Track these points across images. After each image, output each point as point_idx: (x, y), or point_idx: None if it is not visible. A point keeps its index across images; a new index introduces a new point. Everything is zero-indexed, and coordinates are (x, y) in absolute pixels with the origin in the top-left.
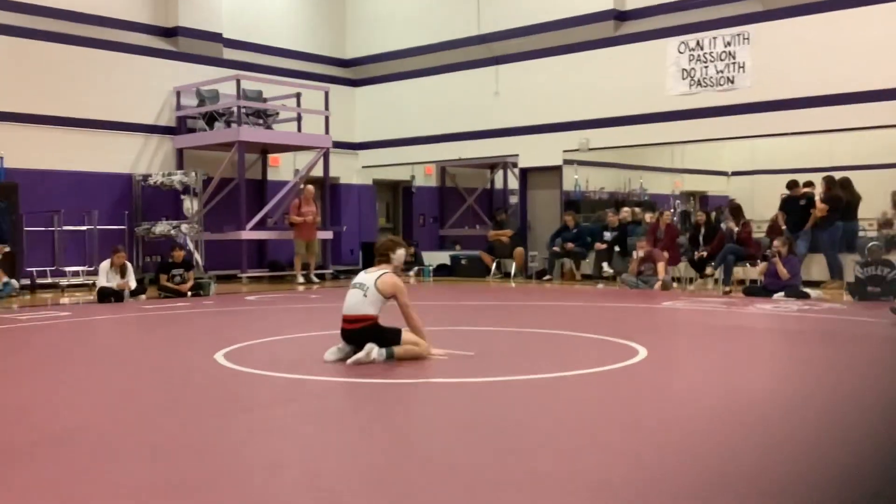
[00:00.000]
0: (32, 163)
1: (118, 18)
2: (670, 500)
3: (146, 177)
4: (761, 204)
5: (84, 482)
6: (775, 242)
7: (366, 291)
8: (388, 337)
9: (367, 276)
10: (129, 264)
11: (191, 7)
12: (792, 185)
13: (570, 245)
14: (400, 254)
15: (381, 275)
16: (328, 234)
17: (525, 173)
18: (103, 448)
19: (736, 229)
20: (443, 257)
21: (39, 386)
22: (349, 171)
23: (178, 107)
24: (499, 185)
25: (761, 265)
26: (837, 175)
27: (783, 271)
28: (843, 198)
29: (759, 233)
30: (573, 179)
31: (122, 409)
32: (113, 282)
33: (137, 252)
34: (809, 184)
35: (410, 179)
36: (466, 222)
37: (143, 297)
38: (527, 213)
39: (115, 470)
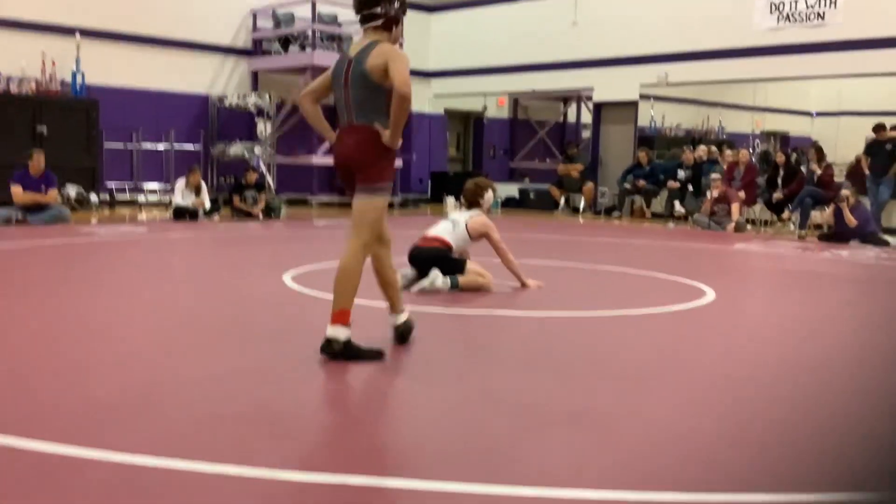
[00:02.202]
0: (112, 80)
1: None
2: (724, 448)
3: (222, 98)
4: (845, 147)
5: (131, 408)
6: (843, 190)
7: (455, 226)
8: (454, 266)
9: (460, 215)
10: (203, 184)
11: None
12: (878, 128)
13: (641, 182)
14: (489, 197)
15: (472, 215)
16: (398, 163)
17: (599, 107)
18: (161, 371)
19: (818, 172)
20: (512, 189)
21: (105, 303)
22: (421, 99)
23: (255, 28)
24: (571, 118)
25: (828, 211)
26: None
27: (850, 218)
28: None
29: (840, 177)
30: (649, 115)
31: (185, 330)
32: (188, 200)
33: (212, 172)
34: None
35: (482, 110)
36: (537, 155)
37: (217, 216)
38: (599, 149)
39: (165, 396)
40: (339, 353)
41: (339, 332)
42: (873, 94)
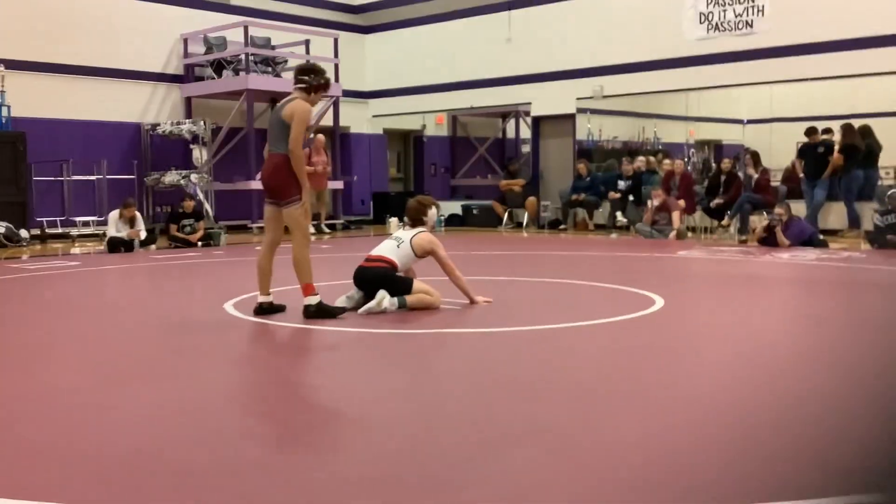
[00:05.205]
0: (40, 112)
1: None
2: (691, 458)
3: (155, 126)
4: (779, 152)
5: (79, 440)
6: (777, 209)
7: (400, 244)
8: (400, 286)
9: (404, 233)
10: (138, 214)
11: None
12: (810, 132)
13: (581, 195)
14: (432, 213)
15: (417, 232)
16: (339, 185)
17: (537, 122)
18: (104, 403)
19: (755, 176)
20: (454, 207)
21: (40, 337)
22: (359, 120)
23: (186, 54)
24: (511, 134)
25: (759, 228)
26: (857, 122)
27: (783, 240)
28: (860, 146)
29: (775, 181)
30: (586, 128)
31: (126, 360)
32: (123, 231)
33: (147, 202)
34: (828, 130)
35: (421, 129)
36: (478, 172)
37: (154, 246)
38: (539, 163)
39: (111, 427)
40: (314, 313)
41: (311, 300)
42: (803, 99)
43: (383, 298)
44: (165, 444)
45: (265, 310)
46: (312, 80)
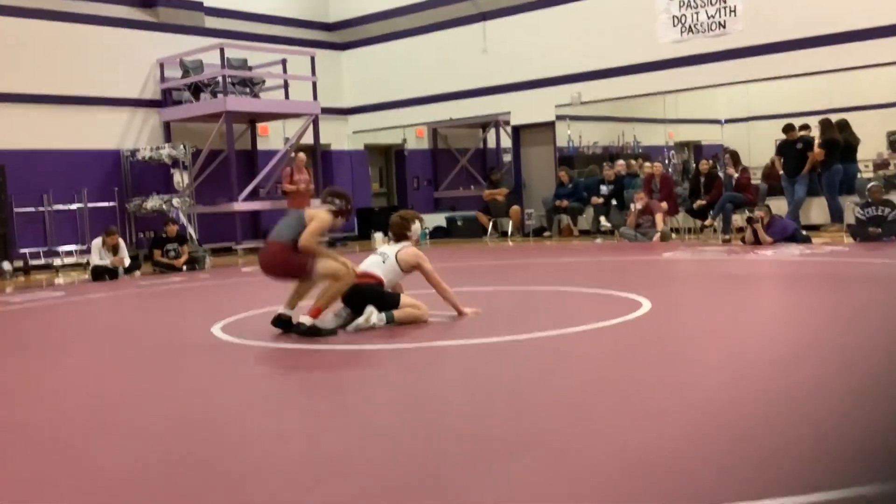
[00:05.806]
0: (18, 143)
1: None
2: (685, 459)
3: (134, 152)
4: (757, 150)
5: (78, 466)
6: (756, 211)
7: (385, 259)
8: (387, 301)
9: (389, 248)
10: (121, 241)
11: None
12: (788, 129)
13: (564, 202)
14: (416, 228)
15: (402, 247)
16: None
17: (517, 131)
18: (100, 430)
19: (735, 175)
20: (439, 219)
21: (32, 370)
22: (340, 137)
23: (163, 79)
24: (491, 144)
25: (747, 231)
26: (835, 117)
27: (765, 238)
28: (839, 140)
29: (755, 179)
30: (566, 135)
31: (119, 387)
32: (106, 259)
33: (130, 228)
34: (805, 127)
35: (402, 143)
36: (461, 183)
37: (138, 273)
38: (521, 171)
39: (111, 452)
40: (305, 332)
41: (306, 319)
42: (780, 97)
43: (371, 314)
44: (167, 458)
45: (283, 323)
46: (340, 204)
